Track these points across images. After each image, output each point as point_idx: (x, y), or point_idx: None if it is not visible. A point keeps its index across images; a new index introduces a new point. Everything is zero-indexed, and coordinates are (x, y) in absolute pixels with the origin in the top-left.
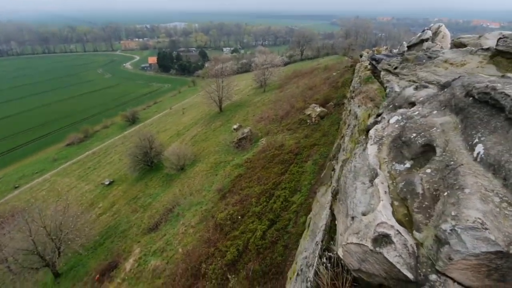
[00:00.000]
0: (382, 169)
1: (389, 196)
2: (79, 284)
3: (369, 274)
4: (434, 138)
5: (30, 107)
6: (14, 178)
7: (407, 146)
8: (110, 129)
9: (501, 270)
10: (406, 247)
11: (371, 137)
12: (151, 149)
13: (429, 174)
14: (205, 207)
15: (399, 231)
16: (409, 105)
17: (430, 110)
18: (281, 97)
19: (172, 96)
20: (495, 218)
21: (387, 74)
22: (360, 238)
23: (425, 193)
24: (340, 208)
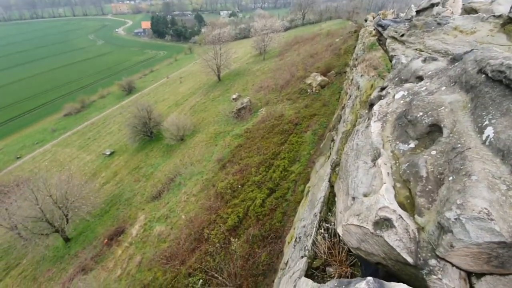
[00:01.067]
0: (385, 148)
1: (391, 178)
2: (89, 248)
3: (368, 253)
4: (442, 118)
5: (22, 76)
6: (15, 149)
7: (412, 125)
8: (107, 99)
9: (501, 258)
10: (407, 232)
11: (374, 114)
12: (150, 119)
13: (434, 156)
14: (206, 176)
15: (401, 216)
16: (416, 79)
17: (439, 86)
18: (281, 66)
19: (168, 64)
20: (501, 207)
21: (393, 42)
22: (361, 220)
23: (429, 176)
24: (341, 186)
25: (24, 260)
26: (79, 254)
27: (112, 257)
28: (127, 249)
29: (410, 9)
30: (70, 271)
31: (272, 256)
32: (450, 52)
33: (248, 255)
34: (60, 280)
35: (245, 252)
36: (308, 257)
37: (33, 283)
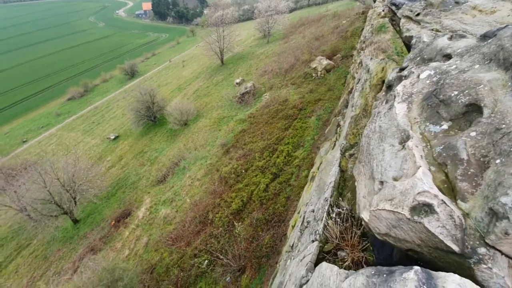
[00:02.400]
0: (413, 130)
1: (425, 161)
2: (97, 229)
3: (398, 239)
4: (482, 97)
5: (24, 60)
6: (20, 133)
7: (445, 106)
8: (110, 83)
9: None
10: (451, 218)
11: (398, 94)
12: (153, 104)
13: (474, 137)
14: (210, 161)
15: (444, 201)
16: (443, 58)
17: (471, 64)
18: (286, 49)
19: (170, 48)
20: None
21: (407, 22)
22: (395, 205)
23: (470, 159)
24: (362, 169)
25: (34, 241)
26: (88, 235)
27: (120, 238)
28: (134, 231)
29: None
30: (79, 251)
31: (275, 239)
32: (469, 32)
33: (252, 237)
34: (71, 260)
35: (249, 235)
36: (320, 241)
37: (44, 262)
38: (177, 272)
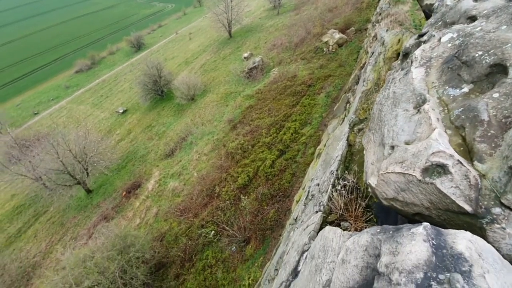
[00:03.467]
0: (430, 94)
1: (442, 124)
2: (109, 199)
3: (406, 203)
4: (508, 57)
5: (32, 30)
6: (32, 104)
7: (468, 67)
8: (117, 55)
9: None
10: (466, 179)
11: (416, 59)
12: (160, 77)
13: (497, 99)
14: (217, 136)
15: (459, 161)
16: (467, 20)
17: (498, 25)
18: (297, 21)
19: (177, 19)
20: None
21: None
22: (406, 167)
23: (491, 120)
24: (372, 137)
25: (51, 208)
26: (101, 204)
27: (131, 208)
28: (144, 202)
29: None
30: (93, 218)
31: (280, 213)
32: None
33: (257, 211)
34: (85, 226)
35: (254, 208)
36: (323, 212)
37: (61, 228)
38: (185, 241)
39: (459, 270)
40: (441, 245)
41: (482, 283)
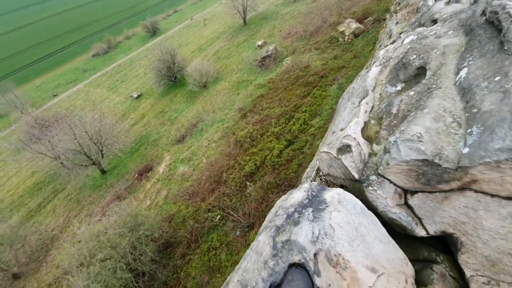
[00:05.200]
0: (375, 91)
1: (368, 115)
2: (122, 180)
3: (334, 177)
4: (429, 61)
5: (49, 13)
6: (51, 86)
7: (404, 69)
8: (132, 40)
9: (427, 176)
10: (360, 155)
11: (378, 58)
12: (174, 64)
13: (411, 96)
14: (227, 124)
15: (359, 142)
16: (431, 23)
17: (447, 30)
18: (313, 9)
19: (193, 4)
20: (437, 134)
21: None
22: (330, 148)
23: (398, 113)
24: (330, 126)
25: (68, 186)
26: (114, 185)
27: (142, 189)
28: (155, 184)
29: None
30: (107, 198)
31: None
32: None
33: (262, 199)
34: (100, 204)
35: (259, 196)
36: None
37: (77, 205)
38: (192, 223)
39: (315, 207)
40: (317, 195)
41: (326, 215)
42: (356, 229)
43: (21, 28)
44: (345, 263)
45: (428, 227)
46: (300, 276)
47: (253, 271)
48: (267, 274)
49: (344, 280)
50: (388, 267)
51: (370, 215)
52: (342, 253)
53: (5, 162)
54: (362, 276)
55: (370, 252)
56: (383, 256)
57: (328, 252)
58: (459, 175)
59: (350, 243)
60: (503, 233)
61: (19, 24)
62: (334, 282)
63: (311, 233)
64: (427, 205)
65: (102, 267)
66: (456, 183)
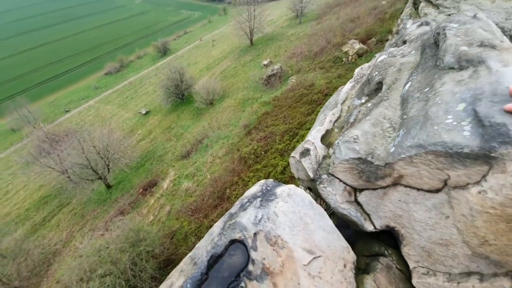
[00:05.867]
0: (345, 103)
1: (333, 124)
2: (127, 195)
3: (302, 180)
4: (386, 76)
5: (69, 33)
6: (64, 103)
7: (368, 84)
8: (143, 59)
9: (366, 173)
10: (316, 157)
11: (354, 75)
12: (182, 82)
13: (368, 107)
14: (231, 141)
15: (316, 146)
16: (402, 44)
17: (411, 50)
18: (318, 30)
19: (202, 26)
20: (374, 137)
21: (426, 6)
22: (295, 152)
23: (354, 122)
24: None
25: (73, 200)
26: (119, 199)
27: (146, 205)
28: (159, 200)
29: None
30: (111, 212)
31: None
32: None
33: None
34: (103, 219)
35: None
36: None
37: (81, 219)
38: (194, 240)
39: (265, 198)
40: (271, 189)
41: (273, 204)
42: (300, 218)
43: (41, 46)
44: (283, 243)
45: (375, 222)
46: (239, 251)
47: (202, 247)
48: (210, 247)
49: (280, 256)
50: (327, 252)
51: (317, 208)
52: (282, 235)
53: (14, 175)
54: (298, 255)
55: (310, 238)
56: (324, 242)
57: (268, 233)
58: (388, 171)
59: (292, 228)
60: (431, 223)
61: (40, 43)
62: (270, 257)
63: (254, 216)
64: (372, 201)
65: (101, 283)
66: (390, 179)
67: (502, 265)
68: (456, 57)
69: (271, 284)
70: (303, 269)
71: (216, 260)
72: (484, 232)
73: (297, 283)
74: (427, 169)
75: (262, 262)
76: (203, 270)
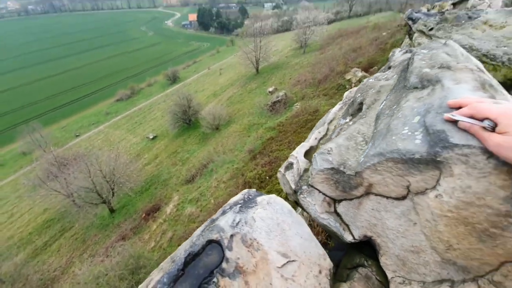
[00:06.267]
0: (332, 123)
1: (318, 141)
2: (130, 220)
3: (289, 194)
4: (366, 97)
5: (84, 63)
6: (75, 128)
7: (352, 105)
8: (154, 87)
9: (341, 183)
10: (298, 170)
11: (343, 98)
12: (189, 108)
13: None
14: (236, 165)
15: (298, 160)
16: (388, 69)
17: (393, 74)
18: (321, 60)
19: (210, 56)
20: (347, 149)
21: (420, 36)
22: (281, 167)
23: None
24: None
25: (76, 225)
26: (121, 224)
27: (148, 230)
28: (161, 225)
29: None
30: (112, 238)
31: None
32: (474, 47)
33: None
34: (104, 245)
35: None
36: None
37: (82, 245)
38: None
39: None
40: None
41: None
42: (278, 224)
43: (59, 74)
44: (258, 246)
45: (354, 232)
46: (215, 250)
47: (182, 248)
48: (188, 246)
49: (254, 257)
50: (302, 257)
51: (296, 216)
52: (258, 239)
53: (20, 198)
54: (272, 258)
55: (286, 243)
56: (300, 248)
57: (244, 236)
58: (359, 180)
59: (268, 233)
60: (402, 231)
61: (58, 71)
62: (244, 257)
63: (232, 220)
64: (350, 211)
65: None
66: (362, 188)
67: (469, 270)
68: (419, 78)
69: (243, 282)
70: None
71: (193, 258)
72: (447, 237)
73: (269, 283)
74: (390, 176)
75: (236, 261)
76: (179, 266)
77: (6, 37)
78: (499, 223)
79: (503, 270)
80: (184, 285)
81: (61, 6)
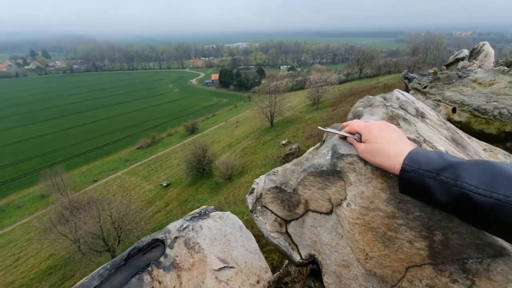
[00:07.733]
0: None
1: None
2: None
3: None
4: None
5: (115, 113)
6: (94, 173)
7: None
8: (173, 137)
9: (286, 202)
10: (256, 194)
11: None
12: (204, 157)
13: None
14: (246, 217)
15: (258, 185)
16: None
17: None
18: (334, 115)
19: (228, 110)
20: (292, 172)
21: (415, 93)
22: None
23: None
24: None
25: (77, 274)
26: None
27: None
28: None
29: None
30: None
31: None
32: (465, 103)
33: None
34: None
35: None
36: None
37: None
38: None
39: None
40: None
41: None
42: (224, 235)
43: (89, 124)
44: (199, 249)
45: (302, 252)
46: (159, 248)
47: None
48: (137, 243)
49: (192, 258)
50: (242, 266)
51: (246, 232)
52: (201, 243)
53: (30, 241)
54: (211, 261)
55: (228, 251)
56: (242, 258)
57: (188, 239)
58: (297, 197)
59: (213, 241)
60: (334, 245)
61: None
62: (183, 256)
63: (180, 225)
64: (297, 230)
65: None
66: (302, 206)
67: (386, 280)
68: (353, 114)
69: (176, 275)
70: (211, 272)
71: (137, 252)
72: (363, 245)
73: (201, 282)
74: (315, 190)
75: (174, 258)
76: (123, 257)
77: (51, 91)
78: (391, 225)
79: (408, 275)
80: (123, 272)
81: (102, 66)
